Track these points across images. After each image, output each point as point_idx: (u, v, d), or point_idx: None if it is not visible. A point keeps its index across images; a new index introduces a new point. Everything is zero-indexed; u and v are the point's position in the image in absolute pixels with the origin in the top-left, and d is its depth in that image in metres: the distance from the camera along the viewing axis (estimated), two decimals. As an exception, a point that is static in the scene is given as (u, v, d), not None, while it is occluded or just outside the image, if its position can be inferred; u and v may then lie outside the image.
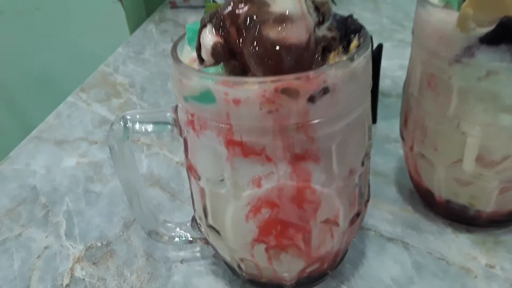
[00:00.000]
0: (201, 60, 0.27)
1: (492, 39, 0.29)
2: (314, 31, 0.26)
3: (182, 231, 0.36)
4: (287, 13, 0.25)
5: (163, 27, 0.89)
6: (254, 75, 0.25)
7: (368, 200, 0.33)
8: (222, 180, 0.28)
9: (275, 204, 0.28)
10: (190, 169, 0.30)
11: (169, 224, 0.36)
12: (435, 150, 0.35)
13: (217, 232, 0.31)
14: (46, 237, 0.41)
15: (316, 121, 0.25)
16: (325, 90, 0.25)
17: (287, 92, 0.24)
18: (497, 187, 0.34)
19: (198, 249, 0.38)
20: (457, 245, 0.36)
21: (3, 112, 1.08)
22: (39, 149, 0.55)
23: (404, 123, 0.38)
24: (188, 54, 0.29)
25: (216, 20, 0.26)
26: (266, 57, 0.24)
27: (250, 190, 0.27)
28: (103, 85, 0.70)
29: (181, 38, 0.30)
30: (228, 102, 0.25)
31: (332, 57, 0.26)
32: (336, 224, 0.30)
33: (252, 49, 0.25)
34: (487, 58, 0.29)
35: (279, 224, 0.29)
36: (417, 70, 0.34)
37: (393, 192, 0.42)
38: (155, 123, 0.31)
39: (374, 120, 0.52)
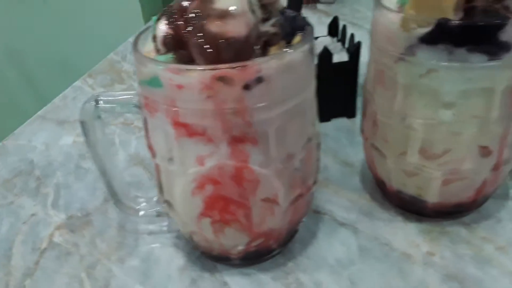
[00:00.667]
0: (157, 49, 0.30)
1: (430, 39, 0.31)
2: (257, 26, 0.29)
3: (149, 205, 0.39)
4: (228, 10, 0.27)
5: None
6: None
7: (315, 183, 0.36)
8: (172, 158, 0.31)
9: (217, 181, 0.31)
10: (149, 147, 0.33)
11: (139, 199, 0.40)
12: (386, 142, 0.37)
13: (172, 206, 0.34)
14: (34, 205, 0.46)
15: (252, 107, 0.28)
16: (260, 80, 0.28)
17: (223, 80, 0.27)
18: (440, 178, 0.36)
19: (166, 223, 0.41)
20: (404, 233, 0.39)
21: (24, 92, 1.14)
22: (42, 127, 0.59)
23: (363, 116, 0.40)
24: (151, 44, 0.32)
25: (169, 13, 0.29)
26: (207, 48, 0.27)
27: (194, 167, 0.30)
28: (109, 71, 0.74)
29: (146, 29, 0.33)
30: (173, 87, 0.28)
31: (273, 50, 0.29)
32: (276, 203, 0.32)
33: (195, 40, 0.28)
34: (427, 56, 0.31)
35: (222, 200, 0.31)
36: (371, 67, 0.37)
37: (356, 181, 0.45)
38: (122, 104, 0.34)
39: (352, 114, 0.54)
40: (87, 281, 0.37)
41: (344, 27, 0.55)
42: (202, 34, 0.27)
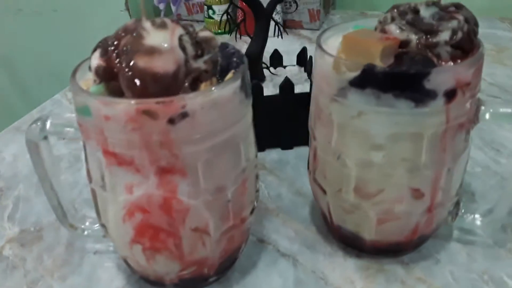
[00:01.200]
0: (94, 79, 0.31)
1: (358, 83, 0.32)
2: (187, 63, 0.30)
3: (94, 226, 0.40)
4: (156, 46, 0.28)
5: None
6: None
7: (252, 212, 0.36)
8: (104, 185, 0.32)
9: (146, 210, 0.32)
10: (87, 172, 0.34)
11: (87, 219, 0.41)
12: (325, 178, 0.38)
13: (107, 230, 0.35)
14: (-9, 217, 0.47)
15: (178, 140, 0.29)
16: (184, 115, 0.28)
17: (148, 113, 0.28)
18: (375, 217, 0.36)
19: (112, 244, 0.42)
20: (342, 268, 0.39)
21: (19, 102, 1.16)
22: (14, 139, 0.61)
23: (309, 150, 0.41)
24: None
25: (103, 45, 0.30)
26: (134, 81, 0.28)
27: (124, 195, 0.31)
28: (92, 85, 0.75)
29: (89, 58, 0.34)
30: (101, 117, 0.29)
31: (204, 87, 0.30)
32: (207, 233, 0.33)
33: (123, 74, 0.29)
34: (356, 99, 0.32)
35: (151, 229, 0.32)
36: (313, 103, 0.37)
37: (306, 212, 0.45)
38: (68, 126, 0.35)
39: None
40: (26, 297, 0.38)
41: (311, 58, 0.56)
42: (130, 68, 0.28)
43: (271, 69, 0.59)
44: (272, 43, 0.62)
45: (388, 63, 0.32)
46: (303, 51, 0.57)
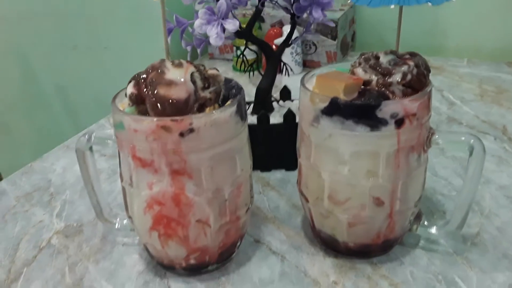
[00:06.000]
0: (128, 103, 0.42)
1: (328, 112, 0.41)
2: (197, 92, 0.40)
3: (124, 221, 0.50)
4: (173, 80, 0.39)
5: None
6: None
7: (247, 211, 0.45)
8: (131, 183, 0.42)
9: (162, 203, 0.41)
10: (120, 174, 0.45)
11: (118, 216, 0.51)
12: (307, 188, 0.47)
13: (132, 221, 0.45)
14: (43, 214, 0.58)
15: (186, 149, 0.39)
16: (191, 130, 0.39)
17: (165, 128, 0.38)
18: (345, 221, 0.45)
19: (137, 238, 0.52)
20: (321, 265, 0.47)
21: (68, 126, 1.30)
22: (64, 154, 0.72)
23: (298, 168, 0.50)
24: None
25: (136, 78, 0.41)
26: (156, 105, 0.39)
27: (146, 191, 0.41)
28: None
29: (125, 87, 0.45)
30: (131, 130, 0.39)
31: (208, 110, 0.40)
32: (208, 225, 0.43)
33: (149, 99, 0.39)
34: (327, 124, 0.41)
35: (165, 218, 0.42)
36: (299, 129, 0.47)
37: (298, 221, 0.54)
38: (108, 138, 0.46)
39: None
40: (67, 274, 0.48)
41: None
42: (154, 95, 0.39)
43: (280, 102, 0.69)
44: (292, 80, 0.70)
45: (352, 97, 0.41)
46: (285, 88, 0.67)
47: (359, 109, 0.40)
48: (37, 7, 1.18)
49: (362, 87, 0.42)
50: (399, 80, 0.41)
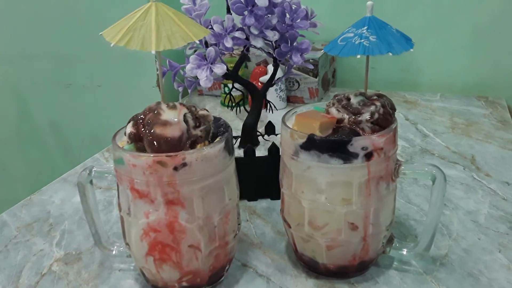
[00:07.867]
0: (127, 140, 0.47)
1: (306, 147, 0.46)
2: (189, 131, 0.45)
3: (120, 248, 0.54)
4: (168, 120, 0.44)
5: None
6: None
7: (235, 237, 0.50)
8: (129, 212, 0.47)
9: (157, 230, 0.46)
10: (118, 205, 0.49)
11: (115, 244, 0.55)
12: (289, 214, 0.51)
13: (130, 247, 0.49)
14: (44, 243, 0.61)
15: (180, 181, 0.44)
16: (184, 164, 0.43)
17: (160, 163, 0.43)
18: (324, 244, 0.49)
19: (133, 264, 0.56)
20: (303, 286, 0.51)
21: (62, 160, 1.34)
22: (62, 187, 0.77)
23: (281, 197, 0.55)
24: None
25: (134, 118, 0.46)
26: (153, 143, 0.44)
27: (143, 219, 0.46)
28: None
29: (124, 127, 0.49)
30: (130, 165, 0.44)
31: (199, 147, 0.45)
32: (199, 249, 0.47)
33: (146, 138, 0.44)
34: (305, 158, 0.47)
35: (160, 244, 0.46)
36: (281, 162, 0.52)
37: (282, 246, 0.58)
38: (107, 173, 0.51)
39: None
40: (68, 299, 0.52)
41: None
42: (151, 134, 0.44)
43: (265, 136, 0.75)
44: (276, 115, 0.75)
45: (326, 134, 0.46)
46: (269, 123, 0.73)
47: (333, 144, 0.45)
48: (33, 48, 1.24)
49: (336, 125, 0.47)
50: (368, 118, 0.46)
